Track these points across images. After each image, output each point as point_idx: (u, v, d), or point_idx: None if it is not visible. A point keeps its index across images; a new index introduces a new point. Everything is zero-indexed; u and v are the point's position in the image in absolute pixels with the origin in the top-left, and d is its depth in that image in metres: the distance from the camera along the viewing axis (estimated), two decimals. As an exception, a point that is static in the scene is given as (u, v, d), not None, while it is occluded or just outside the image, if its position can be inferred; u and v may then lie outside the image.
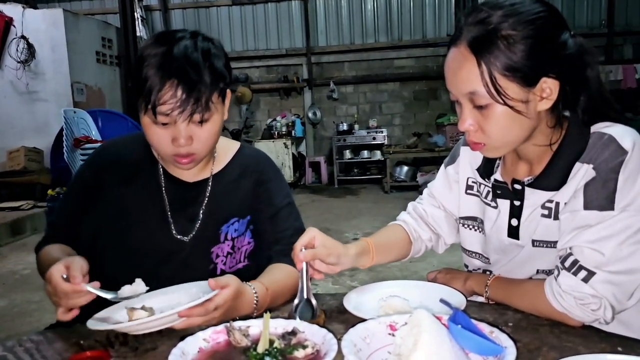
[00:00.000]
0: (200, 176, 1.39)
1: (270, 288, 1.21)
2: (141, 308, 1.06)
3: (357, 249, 1.22)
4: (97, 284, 1.07)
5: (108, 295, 1.09)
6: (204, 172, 1.40)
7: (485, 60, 1.00)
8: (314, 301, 1.07)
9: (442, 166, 1.41)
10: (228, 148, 1.46)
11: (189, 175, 1.38)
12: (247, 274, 1.37)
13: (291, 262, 1.25)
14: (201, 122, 1.20)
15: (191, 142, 1.20)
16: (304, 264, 1.09)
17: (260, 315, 0.96)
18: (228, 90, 1.28)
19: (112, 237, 1.36)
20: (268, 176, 1.45)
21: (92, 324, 1.04)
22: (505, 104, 1.01)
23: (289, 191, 1.49)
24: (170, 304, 1.12)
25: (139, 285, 1.13)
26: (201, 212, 1.37)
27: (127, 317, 1.04)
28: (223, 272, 1.37)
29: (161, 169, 1.38)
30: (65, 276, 1.05)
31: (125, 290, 1.11)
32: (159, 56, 1.16)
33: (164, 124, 1.18)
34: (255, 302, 1.16)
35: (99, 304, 1.12)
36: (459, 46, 1.03)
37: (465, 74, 1.02)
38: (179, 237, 1.35)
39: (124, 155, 1.41)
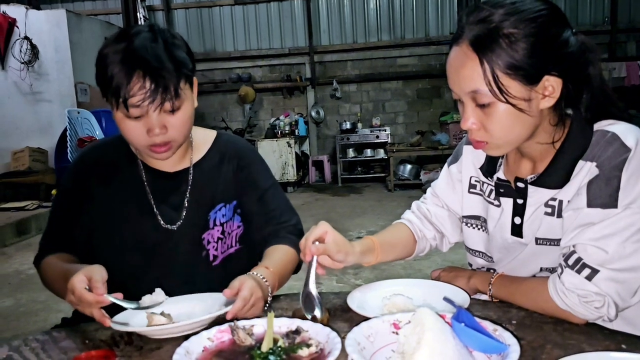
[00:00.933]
0: (181, 166, 1.41)
1: (270, 266, 1.25)
2: (160, 314, 1.09)
3: (362, 247, 1.22)
4: (120, 295, 1.10)
5: (130, 306, 1.11)
6: (184, 162, 1.42)
7: (487, 59, 0.99)
8: (317, 294, 1.06)
9: (445, 165, 1.41)
10: (206, 136, 1.48)
11: (169, 166, 1.40)
12: (239, 257, 1.42)
13: (284, 242, 1.33)
14: (172, 110, 1.22)
15: (165, 130, 1.23)
16: (314, 258, 1.10)
17: (265, 315, 0.97)
18: (194, 78, 1.31)
19: (104, 236, 1.38)
20: (248, 160, 1.47)
21: (117, 327, 1.05)
22: (508, 102, 1.01)
23: (271, 173, 1.52)
24: (185, 311, 1.15)
25: (159, 295, 1.16)
26: (186, 200, 1.39)
27: (147, 321, 1.08)
28: (215, 258, 1.40)
29: (141, 164, 1.40)
30: (87, 287, 1.08)
31: (146, 300, 1.15)
32: (120, 52, 1.18)
33: (137, 117, 1.20)
34: (266, 283, 1.19)
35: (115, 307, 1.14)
36: (461, 45, 1.03)
37: (467, 73, 1.02)
38: (166, 226, 1.37)
39: (103, 157, 1.43)
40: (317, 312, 1.03)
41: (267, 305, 1.18)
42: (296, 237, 1.38)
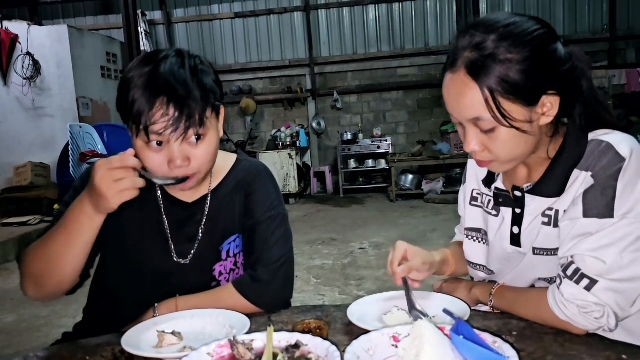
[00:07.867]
0: (199, 194, 1.35)
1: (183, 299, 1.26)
2: (171, 333, 1.09)
3: (441, 256, 1.32)
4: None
5: (158, 181, 1.17)
6: (202, 190, 1.35)
7: (487, 86, 0.99)
8: (420, 309, 1.13)
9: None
10: (225, 162, 1.41)
11: (188, 195, 1.34)
12: None
13: (235, 282, 1.29)
14: (197, 138, 1.16)
15: (188, 162, 1.16)
16: (405, 279, 1.18)
17: (264, 329, 0.96)
18: (222, 107, 1.25)
19: (110, 257, 1.34)
20: (254, 188, 1.37)
21: (131, 348, 1.03)
22: (512, 126, 1.01)
23: (275, 203, 1.37)
24: (195, 329, 1.14)
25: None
26: (200, 230, 1.33)
27: (158, 340, 1.07)
28: None
29: (159, 190, 1.35)
30: None
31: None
32: (145, 76, 1.12)
33: (159, 145, 1.14)
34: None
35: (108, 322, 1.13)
36: (458, 72, 1.02)
37: (468, 102, 1.01)
38: (178, 260, 1.32)
39: None
40: None
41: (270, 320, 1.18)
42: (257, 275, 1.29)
